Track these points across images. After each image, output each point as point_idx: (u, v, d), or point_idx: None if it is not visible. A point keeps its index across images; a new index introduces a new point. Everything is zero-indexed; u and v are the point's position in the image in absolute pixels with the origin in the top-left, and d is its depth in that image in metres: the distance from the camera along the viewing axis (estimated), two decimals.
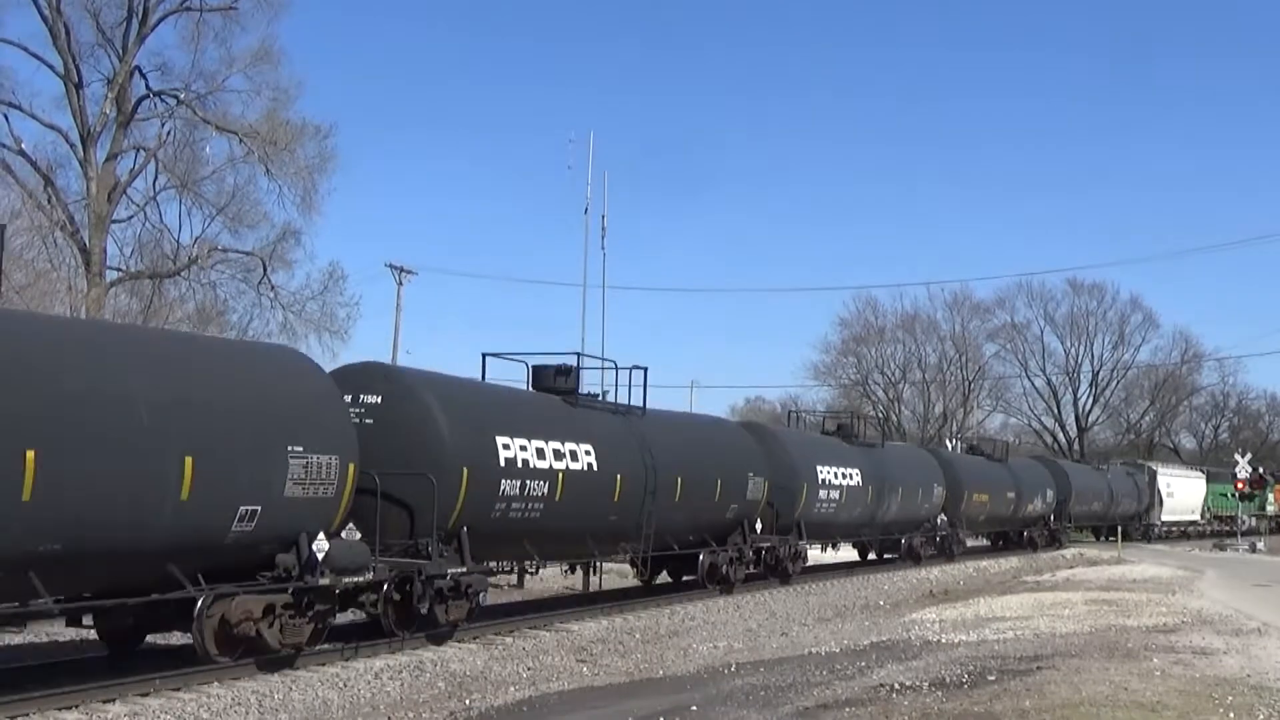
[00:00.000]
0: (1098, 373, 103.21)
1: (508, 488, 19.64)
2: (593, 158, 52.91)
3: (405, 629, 18.05)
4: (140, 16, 41.81)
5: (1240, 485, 62.29)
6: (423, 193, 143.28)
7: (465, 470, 18.57)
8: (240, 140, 42.68)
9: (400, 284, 54.63)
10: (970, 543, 46.65)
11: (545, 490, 20.45)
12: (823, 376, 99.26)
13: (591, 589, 28.60)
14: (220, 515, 14.44)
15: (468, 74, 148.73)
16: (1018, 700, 13.79)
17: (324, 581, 15.81)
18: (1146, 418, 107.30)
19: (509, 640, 19.66)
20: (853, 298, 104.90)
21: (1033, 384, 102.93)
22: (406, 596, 17.73)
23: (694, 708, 13.99)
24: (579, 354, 23.25)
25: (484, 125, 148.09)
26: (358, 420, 17.62)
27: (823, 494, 31.57)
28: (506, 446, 19.70)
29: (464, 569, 18.62)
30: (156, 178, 43.48)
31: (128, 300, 41.66)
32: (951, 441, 63.68)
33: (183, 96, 42.61)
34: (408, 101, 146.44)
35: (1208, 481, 76.03)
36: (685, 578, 27.86)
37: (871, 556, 40.94)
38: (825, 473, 31.86)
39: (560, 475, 20.85)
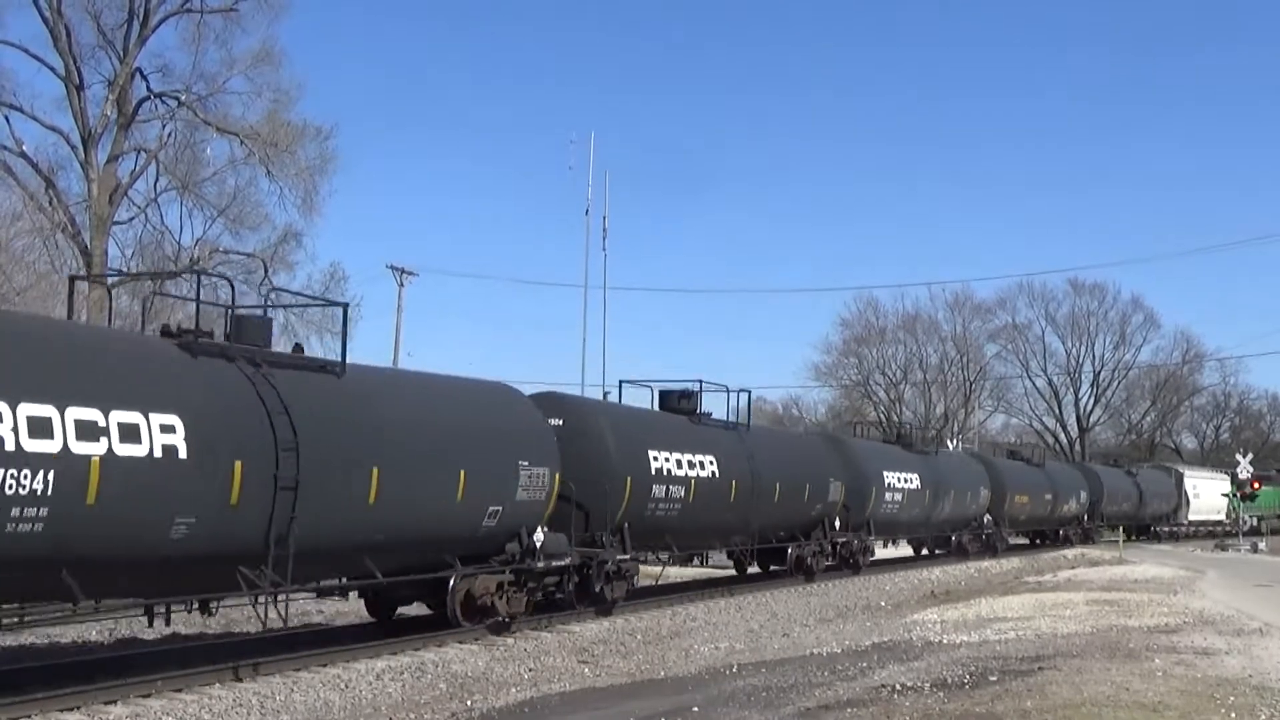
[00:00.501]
0: (1099, 373, 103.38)
1: (656, 491, 24.59)
2: (593, 158, 53.10)
3: (581, 604, 22.65)
4: (141, 18, 41.88)
5: (1255, 485, 62.37)
6: (424, 194, 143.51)
7: (628, 479, 23.51)
8: (241, 142, 42.72)
9: (401, 285, 54.66)
10: (1011, 540, 50.49)
11: (682, 494, 25.33)
12: (824, 377, 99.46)
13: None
14: (478, 513, 18.96)
15: (468, 74, 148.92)
16: (1019, 701, 13.78)
17: (540, 565, 20.47)
18: (1148, 418, 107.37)
19: (510, 641, 19.67)
20: (854, 298, 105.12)
21: (1034, 384, 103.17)
22: (584, 578, 22.33)
23: (695, 708, 13.99)
24: (700, 381, 27.95)
25: (485, 126, 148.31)
26: None
27: (889, 496, 36.16)
28: (655, 459, 24.54)
29: (627, 556, 23.65)
30: (157, 179, 43.61)
31: (129, 302, 41.66)
32: (953, 442, 63.73)
33: (184, 98, 42.65)
34: (408, 102, 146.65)
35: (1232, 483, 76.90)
36: (772, 568, 32.61)
37: (924, 552, 45.15)
38: (890, 477, 36.47)
39: (692, 481, 25.67)
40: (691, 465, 25.74)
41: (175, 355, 14.71)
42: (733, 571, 33.30)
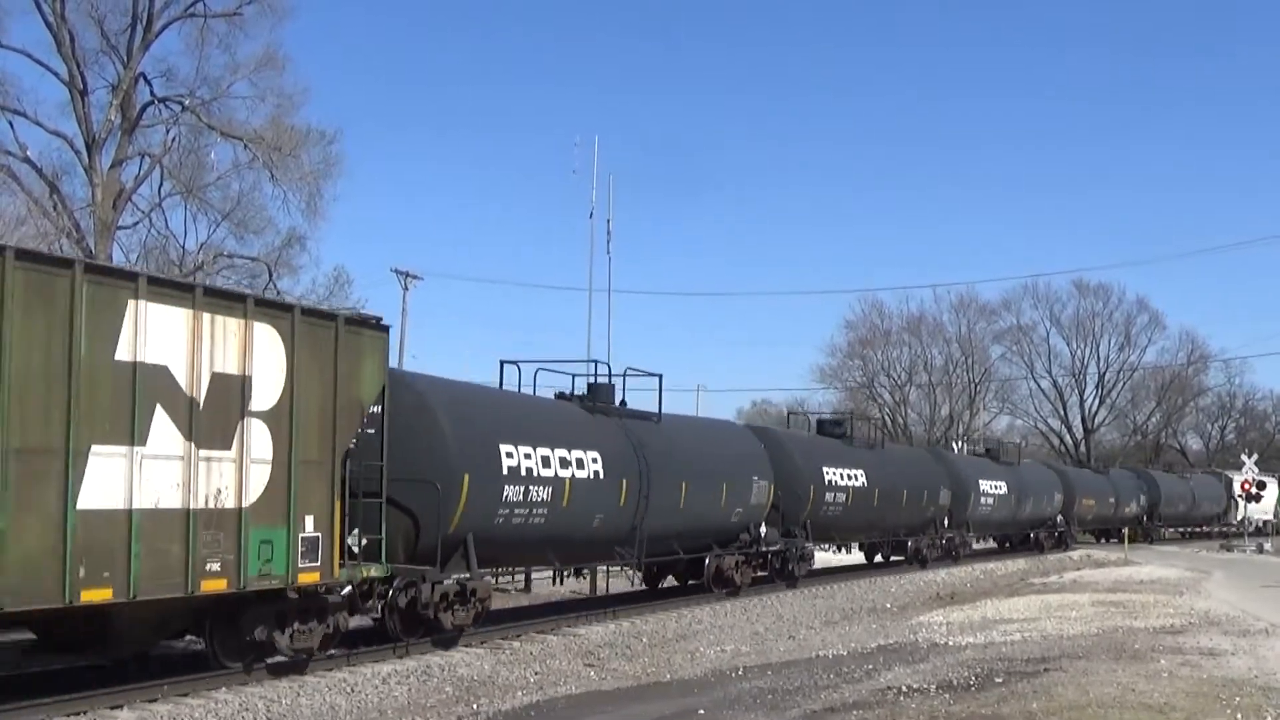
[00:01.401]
0: (1104, 374, 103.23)
1: (828, 497, 32.40)
2: (597, 161, 53.09)
3: (780, 578, 30.28)
4: (145, 23, 41.82)
5: (1246, 486, 62.54)
6: (428, 197, 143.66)
7: (812, 488, 31.36)
8: (245, 146, 42.68)
9: (406, 289, 54.60)
10: (1080, 537, 58.75)
11: (843, 499, 33.09)
12: (829, 379, 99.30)
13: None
14: (729, 513, 27.01)
15: (472, 78, 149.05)
16: (1025, 702, 13.79)
17: (764, 549, 28.80)
18: (1153, 419, 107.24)
19: (516, 645, 19.67)
20: (858, 300, 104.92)
21: (1039, 386, 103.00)
22: (782, 560, 30.16)
23: (701, 711, 14.01)
24: (850, 413, 34.75)
25: (488, 129, 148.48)
26: None
27: (984, 500, 44.15)
28: (828, 473, 32.43)
29: (810, 545, 31.65)
30: (162, 184, 43.51)
31: None
32: (958, 444, 63.96)
33: (187, 103, 42.61)
34: (412, 106, 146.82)
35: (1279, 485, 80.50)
36: (893, 558, 40.23)
37: (1008, 546, 52.24)
38: (985, 485, 44.61)
39: (850, 490, 33.55)
40: (848, 477, 33.32)
41: (585, 415, 23.47)
42: (861, 559, 40.93)
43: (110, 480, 12.87)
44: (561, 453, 21.27)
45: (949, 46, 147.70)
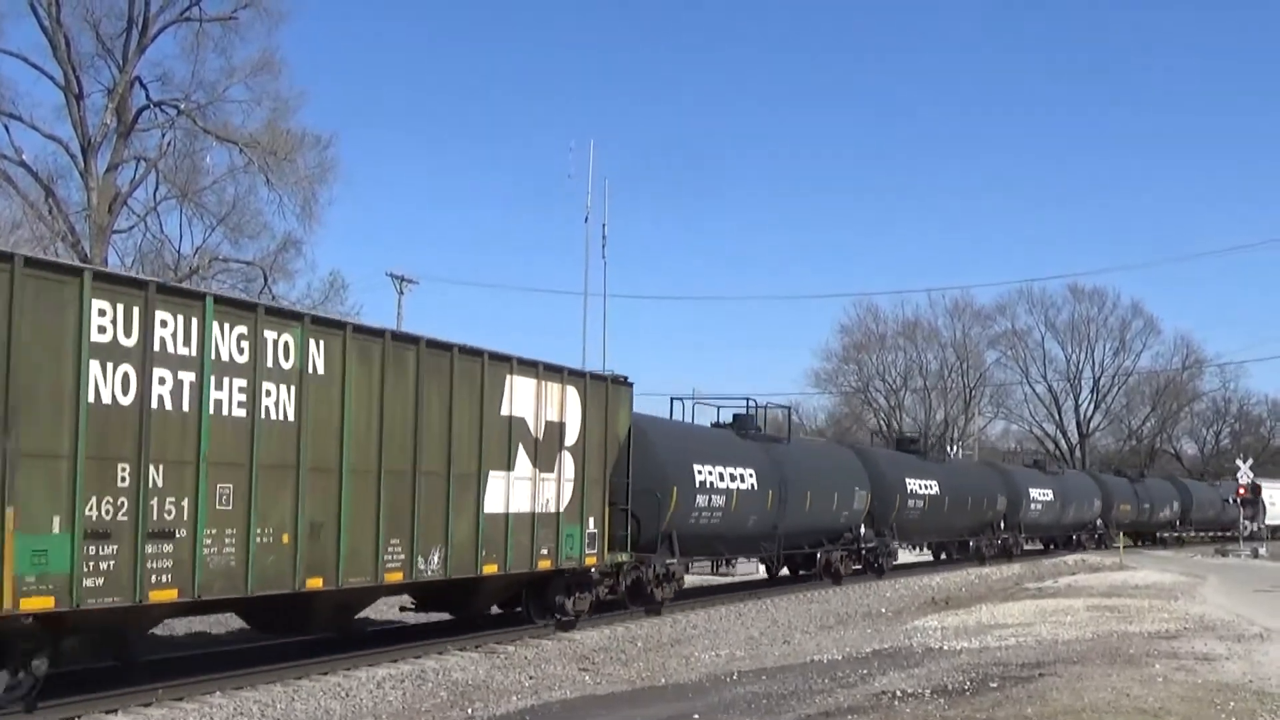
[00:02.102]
0: (1099, 379, 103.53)
1: (910, 503, 39.26)
2: (593, 166, 53.17)
3: (869, 571, 37.15)
4: (140, 27, 41.87)
5: (1241, 491, 62.74)
6: (423, 201, 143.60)
7: (896, 495, 38.10)
8: (241, 150, 42.73)
9: (401, 293, 54.63)
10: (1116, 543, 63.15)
11: (921, 505, 40.08)
12: (824, 384, 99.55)
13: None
14: (839, 516, 33.91)
15: (467, 82, 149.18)
16: (1020, 707, 13.78)
17: (862, 546, 35.45)
18: (1148, 424, 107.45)
19: (511, 649, 19.69)
20: (853, 304, 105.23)
21: (1034, 390, 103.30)
22: (873, 554, 36.88)
23: (696, 716, 14.00)
24: (918, 436, 44.88)
25: (484, 133, 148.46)
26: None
27: (1033, 506, 50.46)
28: (909, 484, 39.33)
29: (896, 543, 39.19)
30: (157, 188, 43.58)
31: None
32: (952, 448, 64.20)
33: (183, 107, 42.64)
34: (408, 110, 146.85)
35: None
36: (955, 556, 48.11)
37: (1053, 546, 58.82)
38: (1035, 492, 50.67)
39: (927, 498, 40.61)
40: (925, 486, 40.12)
41: (740, 440, 29.94)
42: (929, 557, 49.01)
43: (496, 494, 19.53)
44: (730, 469, 27.98)
45: (944, 52, 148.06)
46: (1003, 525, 47.75)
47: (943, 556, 47.97)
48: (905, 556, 45.31)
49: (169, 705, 14.14)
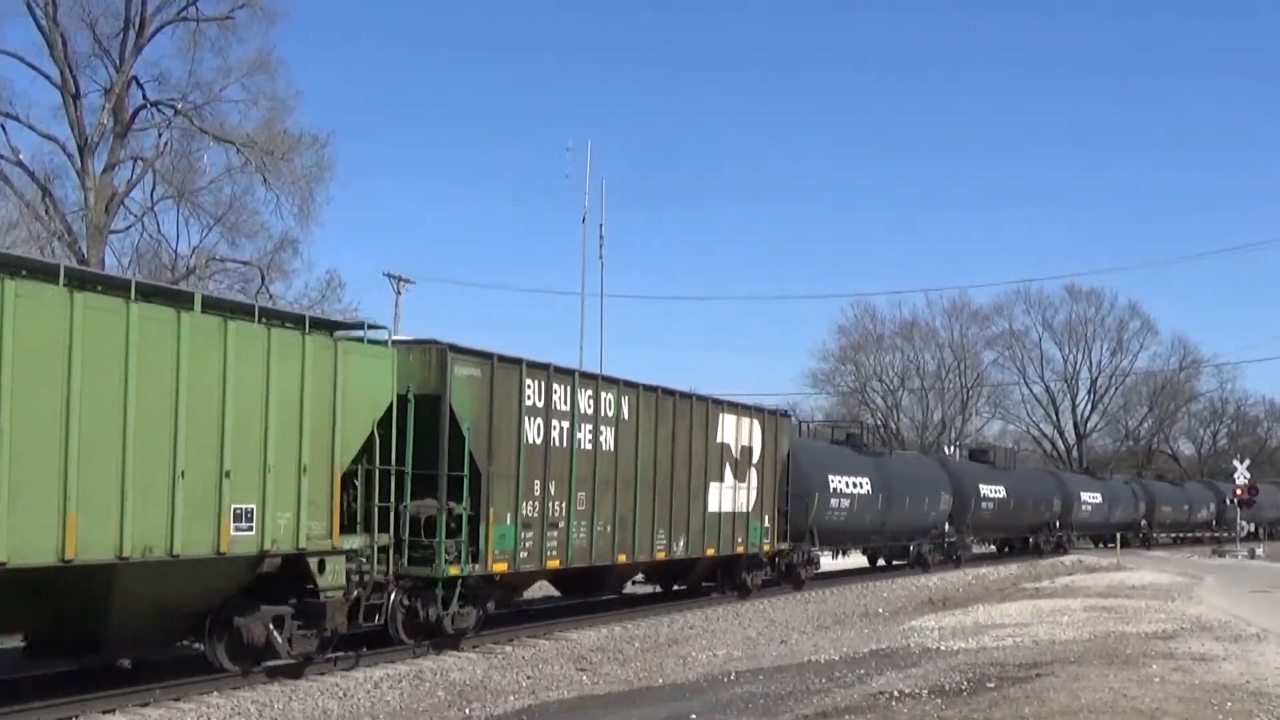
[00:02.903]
0: (1096, 380, 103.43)
1: (983, 505, 45.96)
2: (590, 166, 53.31)
3: (947, 563, 43.31)
4: (137, 27, 41.81)
5: (1238, 492, 62.83)
6: (420, 201, 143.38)
7: (972, 499, 44.77)
8: (238, 150, 42.70)
9: (398, 293, 54.55)
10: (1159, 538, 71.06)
11: (993, 506, 47.19)
12: (821, 384, 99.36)
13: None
14: (928, 515, 40.64)
15: (465, 82, 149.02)
16: (1017, 707, 13.81)
17: (946, 541, 42.47)
18: (1145, 424, 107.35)
19: (508, 649, 19.69)
20: (851, 305, 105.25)
21: (1031, 391, 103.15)
22: (954, 548, 43.85)
23: (693, 716, 14.01)
24: (993, 447, 49.63)
25: (482, 134, 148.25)
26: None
27: (1084, 508, 58.28)
28: (981, 489, 45.95)
29: (972, 538, 46.21)
30: (154, 188, 43.54)
31: None
32: (950, 449, 64.37)
33: (180, 106, 42.59)
34: (405, 110, 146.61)
35: None
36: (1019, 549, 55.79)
37: (1100, 544, 65.75)
38: (1085, 495, 58.94)
39: (996, 500, 47.68)
40: (994, 491, 47.20)
41: (855, 454, 37.25)
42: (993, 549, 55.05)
43: (714, 498, 26.64)
44: (852, 479, 35.22)
45: (941, 53, 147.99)
46: (1058, 524, 55.10)
47: (1005, 550, 54.97)
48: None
49: (167, 705, 14.14)
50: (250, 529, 14.71)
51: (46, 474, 12.33)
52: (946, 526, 43.12)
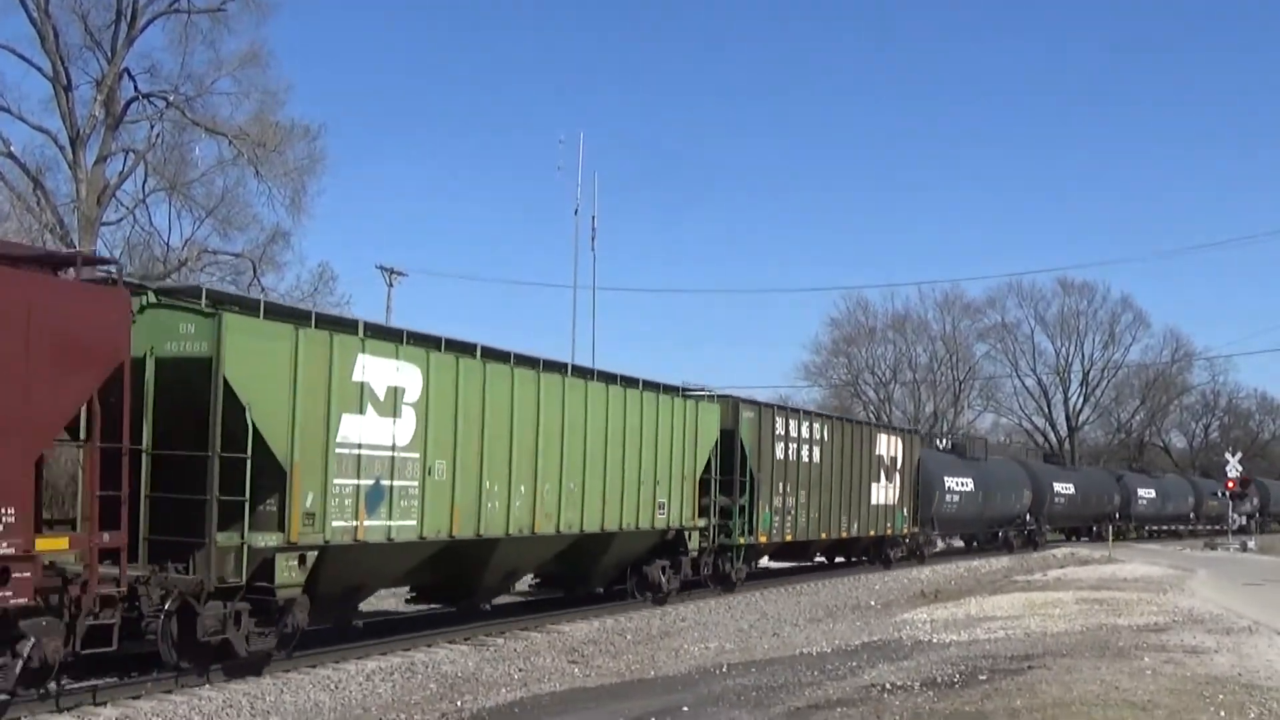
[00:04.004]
0: (1088, 372, 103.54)
1: (1056, 500, 56.76)
2: (582, 159, 53.32)
3: (1027, 547, 53.12)
4: (129, 19, 41.65)
5: (1231, 485, 62.95)
6: (413, 194, 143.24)
7: (1047, 495, 55.66)
8: (229, 142, 42.54)
9: (390, 285, 54.45)
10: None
11: (1064, 501, 58.23)
12: (813, 377, 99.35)
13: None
14: (1016, 508, 52.38)
15: (457, 74, 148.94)
16: (1009, 700, 13.80)
17: (1027, 529, 53.85)
18: (1137, 417, 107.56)
19: (500, 641, 19.69)
20: (843, 298, 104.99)
21: (1023, 384, 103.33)
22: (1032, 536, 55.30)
23: (685, 708, 14.00)
24: (1055, 453, 67.31)
25: (474, 126, 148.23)
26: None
27: (1141, 501, 68.76)
28: (1054, 486, 56.73)
29: (1048, 527, 57.55)
30: (146, 180, 43.34)
31: None
32: (942, 441, 64.52)
33: (171, 99, 42.44)
34: (397, 103, 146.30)
35: None
36: (1082, 538, 63.03)
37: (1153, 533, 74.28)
38: (1142, 491, 69.21)
39: (1065, 496, 57.96)
40: (1064, 488, 58.00)
41: (959, 459, 48.64)
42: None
43: (873, 493, 36.88)
44: (959, 479, 45.81)
45: (933, 47, 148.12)
46: (1117, 516, 65.04)
47: (1074, 537, 63.54)
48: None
49: (158, 698, 14.13)
50: (665, 514, 25.14)
51: (592, 488, 22.43)
52: (1027, 516, 54.02)
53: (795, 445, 31.70)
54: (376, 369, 17.09)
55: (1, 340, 12.17)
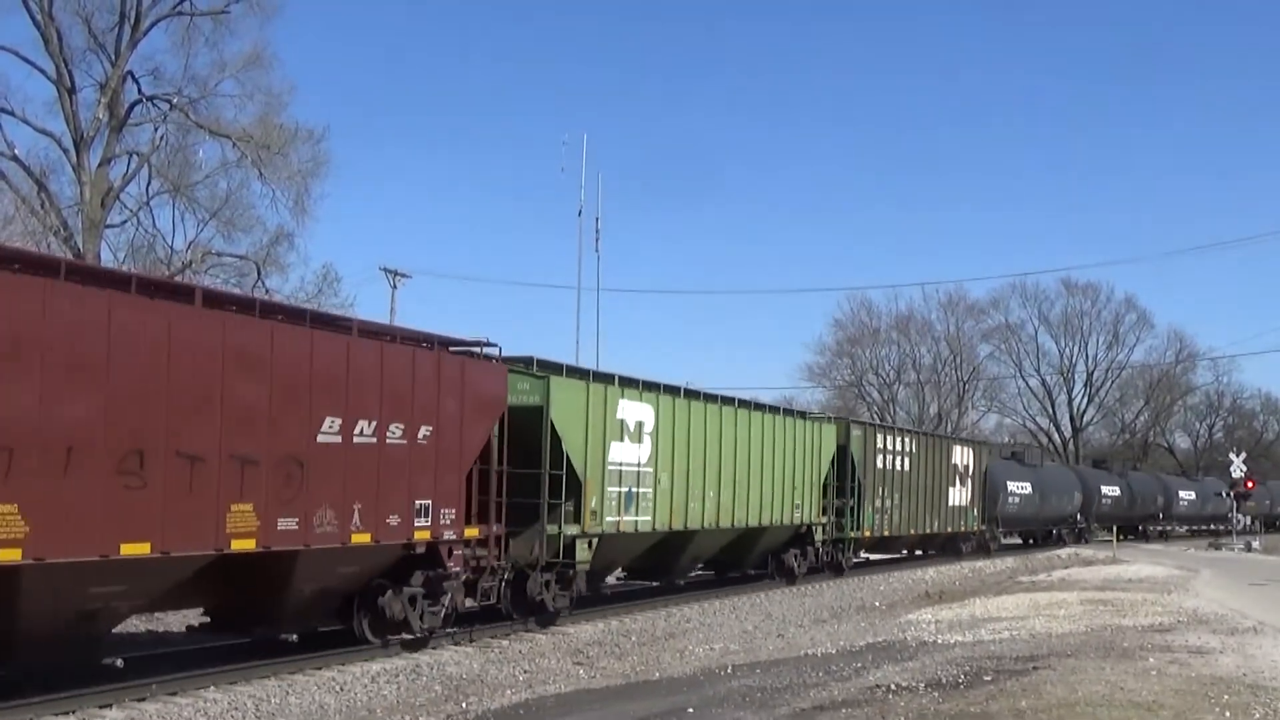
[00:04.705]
0: (1092, 373, 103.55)
1: (1103, 501, 63.56)
2: (586, 160, 53.52)
3: (1078, 540, 60.25)
4: (132, 21, 41.76)
5: (1249, 485, 62.94)
6: (417, 196, 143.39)
7: (1095, 498, 63.16)
8: (233, 144, 42.63)
9: (394, 287, 54.56)
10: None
11: (1110, 503, 64.13)
12: (817, 378, 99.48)
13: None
14: (1066, 510, 59.04)
15: (461, 76, 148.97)
16: (1014, 700, 13.79)
17: (1078, 528, 61.26)
18: (1141, 417, 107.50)
19: (505, 643, 19.69)
20: (847, 298, 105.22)
21: (1027, 384, 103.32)
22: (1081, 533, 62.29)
23: (690, 709, 14.00)
24: (1098, 460, 73.18)
25: (477, 127, 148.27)
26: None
27: (1182, 502, 74.83)
28: (1101, 490, 63.30)
29: (1083, 525, 62.06)
30: (150, 182, 43.47)
31: None
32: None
33: (175, 101, 42.53)
34: (401, 104, 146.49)
35: None
36: (1129, 537, 67.96)
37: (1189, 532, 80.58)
38: (1183, 493, 75.70)
39: (1111, 498, 64.49)
40: (1111, 490, 64.51)
41: (1021, 465, 55.14)
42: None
43: (951, 497, 43.61)
44: (1019, 483, 52.18)
45: (937, 46, 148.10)
46: (1161, 516, 72.10)
47: (1122, 537, 66.58)
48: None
49: (163, 700, 14.13)
50: (799, 512, 31.44)
51: (753, 492, 28.83)
52: (1078, 516, 60.82)
53: (891, 457, 38.25)
54: (629, 409, 23.63)
55: (450, 401, 17.94)
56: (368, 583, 17.39)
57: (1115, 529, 60.51)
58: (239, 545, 14.37)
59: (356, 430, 16.05)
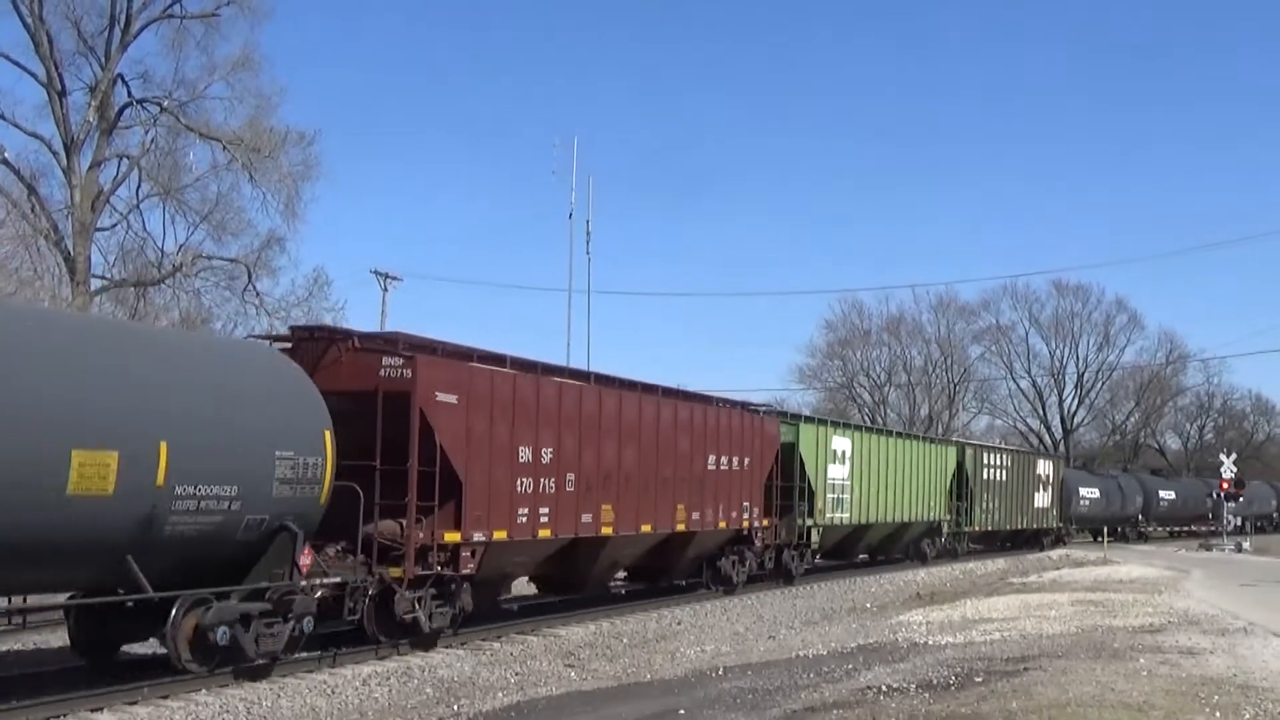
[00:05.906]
0: (1083, 374, 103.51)
1: (1158, 501, 76.13)
2: (577, 162, 53.53)
3: (1141, 538, 71.58)
4: (122, 24, 41.68)
5: (1225, 485, 62.91)
6: (408, 198, 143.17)
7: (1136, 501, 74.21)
8: (223, 147, 42.51)
9: (385, 290, 54.62)
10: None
11: (1143, 506, 74.34)
12: (808, 379, 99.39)
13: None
14: (1129, 509, 70.39)
15: (451, 79, 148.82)
16: (1005, 701, 13.82)
17: (1140, 527, 72.75)
18: (1131, 419, 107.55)
19: (497, 645, 19.68)
20: (838, 300, 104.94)
21: (1018, 386, 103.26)
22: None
23: (682, 711, 14.01)
24: (1125, 469, 77.38)
25: (469, 130, 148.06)
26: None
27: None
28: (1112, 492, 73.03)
29: (1143, 525, 74.09)
30: (140, 185, 43.29)
31: (112, 309, 41.49)
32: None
33: (165, 104, 42.43)
34: (392, 107, 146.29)
35: None
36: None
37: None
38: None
39: (1124, 499, 73.83)
40: (1168, 493, 74.32)
41: (1088, 474, 68.47)
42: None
43: (1035, 500, 55.17)
44: (1089, 489, 63.95)
45: (928, 48, 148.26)
46: (1210, 517, 72.12)
47: (1177, 535, 75.55)
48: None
49: (155, 703, 14.11)
50: (932, 511, 42.12)
51: (905, 496, 39.84)
52: (1139, 517, 70.63)
53: (992, 470, 49.05)
54: (838, 441, 34.51)
55: (754, 442, 28.99)
56: (716, 552, 28.16)
57: (1105, 530, 60.64)
58: (680, 528, 25.17)
59: (722, 462, 26.87)
